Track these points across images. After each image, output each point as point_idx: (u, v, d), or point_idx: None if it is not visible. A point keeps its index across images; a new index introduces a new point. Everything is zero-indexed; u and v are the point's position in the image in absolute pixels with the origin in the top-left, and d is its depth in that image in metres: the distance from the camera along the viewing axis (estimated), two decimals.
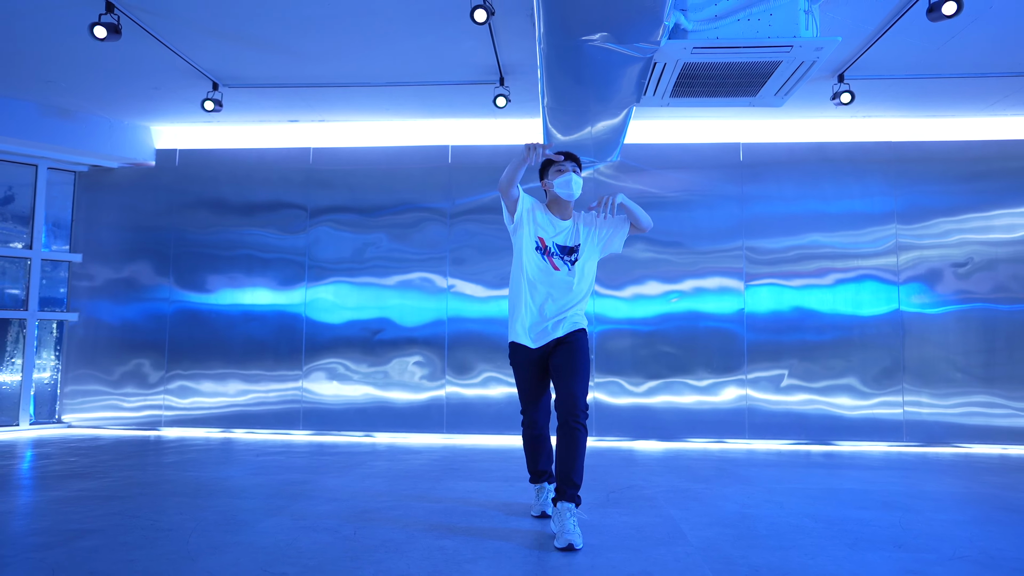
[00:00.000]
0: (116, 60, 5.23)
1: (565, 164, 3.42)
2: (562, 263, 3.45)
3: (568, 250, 3.47)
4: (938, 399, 6.17)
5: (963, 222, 6.30)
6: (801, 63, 4.14)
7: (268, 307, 6.69)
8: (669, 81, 4.43)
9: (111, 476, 4.49)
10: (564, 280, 3.43)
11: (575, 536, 2.96)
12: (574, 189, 3.39)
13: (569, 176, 3.38)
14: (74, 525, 3.25)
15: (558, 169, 3.43)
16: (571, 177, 3.38)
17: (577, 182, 3.40)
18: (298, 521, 3.37)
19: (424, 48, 4.98)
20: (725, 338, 6.35)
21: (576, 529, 3.01)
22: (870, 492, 4.22)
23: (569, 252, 3.47)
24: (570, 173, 3.38)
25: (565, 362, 3.34)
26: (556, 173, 3.43)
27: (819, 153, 6.46)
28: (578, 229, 3.50)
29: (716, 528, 3.31)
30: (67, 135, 6.37)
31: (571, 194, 3.40)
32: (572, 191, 3.39)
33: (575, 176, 3.39)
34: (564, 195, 3.40)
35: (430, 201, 6.66)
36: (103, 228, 6.89)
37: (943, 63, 5.08)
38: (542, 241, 3.46)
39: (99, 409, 6.73)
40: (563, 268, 3.44)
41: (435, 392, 6.50)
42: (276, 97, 5.98)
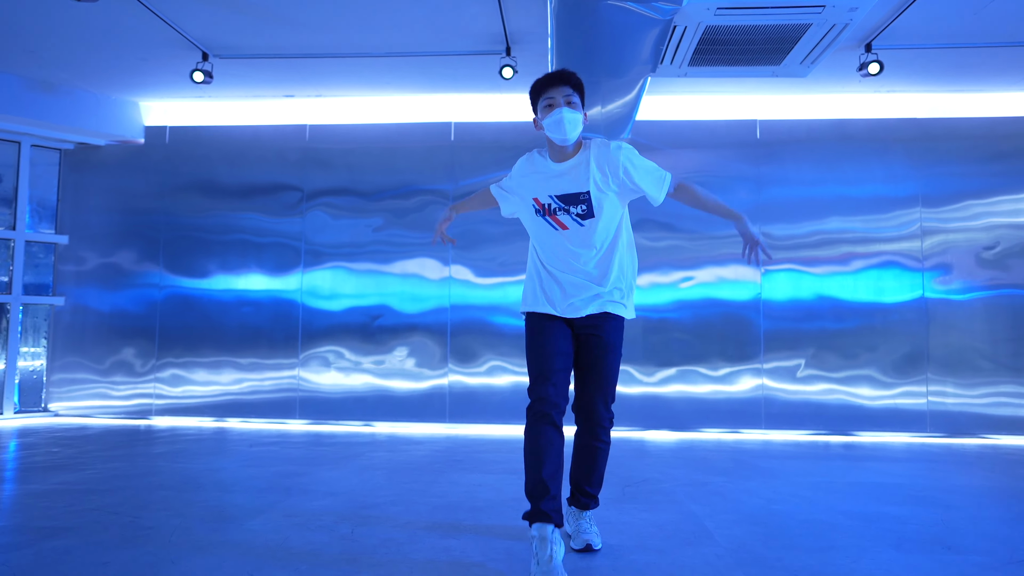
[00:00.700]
0: (101, 29, 4.93)
1: (554, 93, 2.59)
2: (568, 219, 2.62)
3: (571, 199, 2.61)
4: (964, 388, 5.90)
5: (992, 204, 6.01)
6: (833, 26, 3.86)
7: (263, 292, 6.42)
8: (689, 47, 4.15)
9: (94, 468, 4.23)
10: (575, 240, 2.62)
11: (593, 536, 2.68)
12: (567, 130, 2.56)
13: (560, 114, 2.54)
14: (47, 522, 2.99)
15: (547, 103, 2.60)
16: (562, 115, 2.54)
17: (571, 119, 2.55)
18: (291, 518, 3.11)
19: (426, 15, 4.68)
20: (741, 326, 6.08)
21: (593, 527, 2.73)
22: (901, 486, 3.96)
23: (574, 201, 2.61)
24: (561, 108, 2.55)
25: (592, 363, 2.66)
26: (545, 109, 2.60)
27: (840, 130, 6.17)
28: (584, 166, 2.61)
29: (744, 526, 3.05)
30: (51, 110, 6.07)
31: (564, 138, 2.58)
32: (564, 131, 2.56)
33: (568, 112, 2.55)
34: (557, 139, 2.59)
35: (432, 182, 6.37)
36: (90, 209, 6.60)
37: (978, 31, 4.78)
38: (537, 201, 2.66)
39: (87, 397, 6.47)
40: (571, 225, 2.62)
41: (437, 380, 6.23)
42: (270, 69, 5.68)
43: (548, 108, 2.58)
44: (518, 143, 6.33)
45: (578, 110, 2.59)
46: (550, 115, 2.56)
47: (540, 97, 2.63)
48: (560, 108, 2.54)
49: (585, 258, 2.62)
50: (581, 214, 2.60)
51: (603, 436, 2.69)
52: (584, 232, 2.61)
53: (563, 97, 2.57)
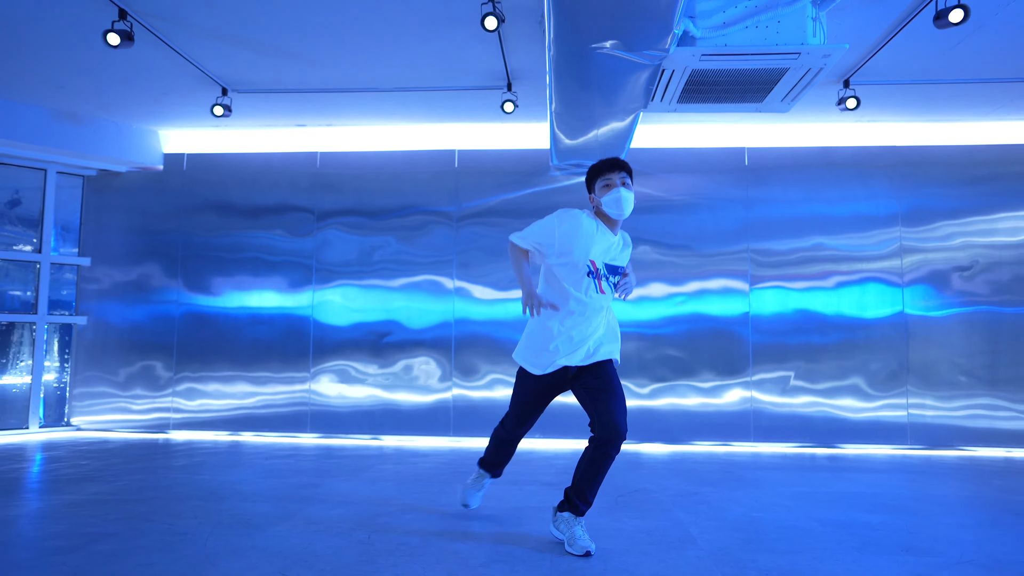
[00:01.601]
0: (126, 66, 5.27)
1: (612, 176, 3.04)
2: (608, 284, 3.09)
3: (614, 270, 3.11)
4: (942, 402, 6.20)
5: (966, 224, 6.33)
6: (808, 70, 4.18)
7: (276, 310, 6.73)
8: (677, 87, 4.47)
9: (122, 480, 4.52)
10: (599, 305, 3.08)
11: (588, 541, 2.97)
12: (624, 208, 3.00)
13: (619, 193, 2.99)
14: (90, 529, 3.28)
15: (605, 183, 3.04)
16: (620, 194, 2.99)
17: (627, 198, 3.01)
18: (311, 525, 3.41)
19: (432, 54, 5.02)
20: (730, 341, 6.38)
21: (586, 534, 3.02)
22: (876, 496, 4.25)
23: (615, 272, 3.12)
24: (619, 189, 3.00)
25: (604, 385, 3.04)
26: (604, 189, 3.05)
27: (824, 157, 6.50)
28: (625, 247, 3.18)
29: (725, 531, 3.35)
30: (76, 140, 6.41)
31: (621, 213, 3.02)
32: (622, 210, 3.01)
33: (625, 192, 3.00)
34: (614, 215, 3.03)
35: (437, 204, 6.70)
36: (111, 231, 6.93)
37: (948, 69, 5.12)
38: (593, 264, 3.03)
39: (108, 412, 6.77)
40: (608, 291, 3.09)
41: (442, 395, 6.54)
42: (284, 102, 6.02)
43: (606, 188, 3.04)
44: (518, 169, 6.67)
45: (631, 189, 3.06)
46: (609, 194, 3.02)
47: (598, 178, 3.08)
48: (618, 188, 3.01)
49: (598, 313, 3.10)
50: (615, 284, 3.13)
51: (618, 449, 3.04)
52: (606, 298, 3.11)
53: (619, 179, 3.03)
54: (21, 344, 6.63)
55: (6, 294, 6.63)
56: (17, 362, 6.61)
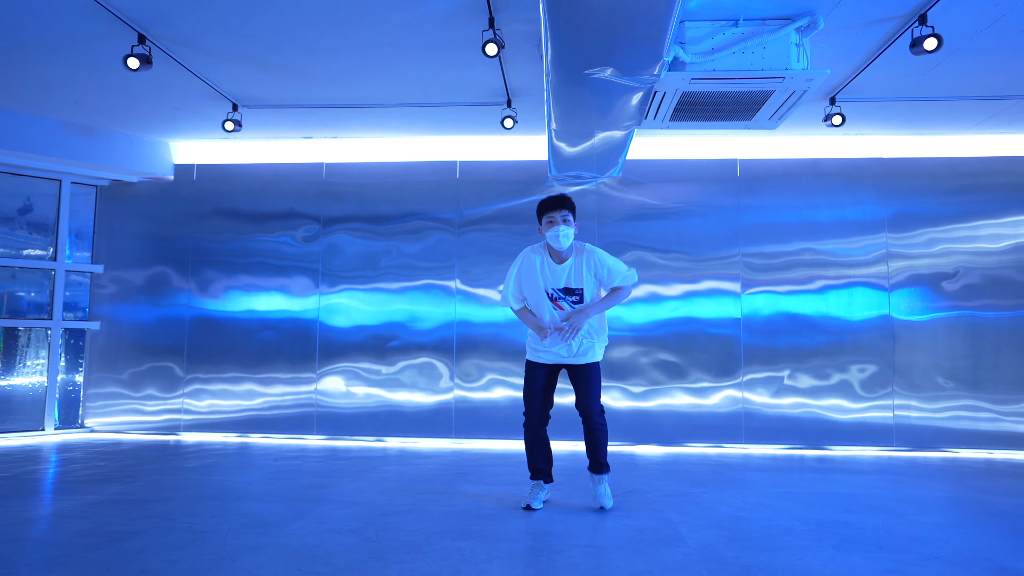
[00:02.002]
0: (142, 84, 5.49)
1: (555, 215, 3.74)
2: (567, 303, 3.85)
3: (569, 291, 3.83)
4: (927, 403, 6.43)
5: (949, 231, 6.56)
6: (793, 92, 4.41)
7: (283, 314, 6.96)
8: (669, 107, 4.69)
9: (140, 480, 4.75)
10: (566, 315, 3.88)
11: (605, 499, 3.90)
12: (562, 242, 3.73)
13: (557, 230, 3.71)
14: (116, 527, 3.51)
15: (549, 220, 3.76)
16: (559, 231, 3.71)
17: (566, 234, 3.72)
18: (323, 524, 3.63)
19: (435, 74, 5.24)
20: (722, 344, 6.61)
21: (606, 493, 3.93)
22: (858, 496, 4.47)
23: (571, 293, 3.83)
24: (559, 226, 3.71)
25: (582, 378, 3.93)
26: (548, 224, 3.77)
27: (813, 168, 6.72)
28: (579, 270, 3.82)
29: (712, 530, 3.57)
30: (89, 151, 6.63)
31: (560, 246, 3.74)
32: (560, 244, 3.74)
33: (563, 228, 3.72)
34: (554, 246, 3.77)
35: (439, 212, 6.93)
36: (123, 239, 7.15)
37: (929, 88, 5.34)
38: (546, 291, 3.86)
39: (120, 414, 7.00)
40: (567, 308, 3.85)
41: (444, 396, 6.77)
42: (292, 116, 6.24)
43: (550, 224, 3.75)
44: (517, 179, 6.89)
45: (571, 225, 3.76)
46: (551, 229, 3.74)
47: (544, 215, 3.79)
48: (559, 225, 3.72)
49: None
50: (575, 301, 3.85)
51: (598, 420, 3.90)
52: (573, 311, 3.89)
53: (560, 217, 3.73)
54: (35, 348, 6.85)
55: (22, 300, 6.86)
56: (32, 366, 6.84)
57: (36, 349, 6.87)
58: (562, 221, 3.72)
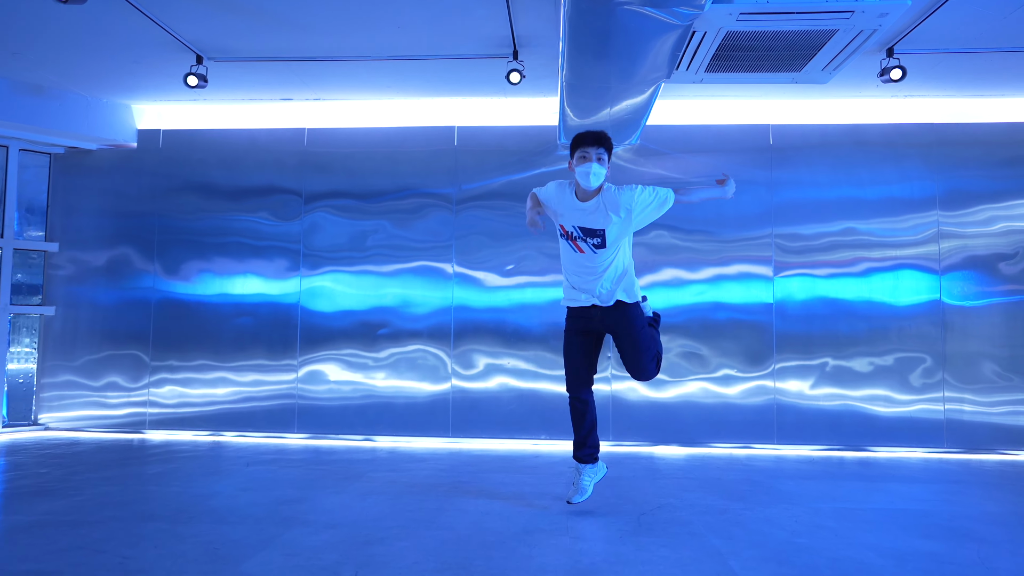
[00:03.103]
0: (89, 30, 4.72)
1: (589, 151, 3.40)
2: (586, 246, 3.48)
3: (590, 232, 3.46)
4: (982, 397, 5.74)
5: (1009, 208, 5.85)
6: (859, 32, 3.67)
7: (260, 298, 6.23)
8: (707, 53, 3.96)
9: (84, 493, 4.04)
10: (588, 262, 3.49)
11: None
12: (592, 181, 3.41)
13: (589, 167, 3.39)
14: (28, 564, 2.80)
15: (582, 155, 3.42)
16: (590, 168, 3.38)
17: (597, 173, 3.40)
18: (290, 557, 2.93)
19: (430, 17, 4.48)
20: (752, 332, 5.91)
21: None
22: (930, 514, 3.79)
23: (591, 235, 3.46)
24: (591, 163, 3.38)
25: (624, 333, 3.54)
26: (580, 160, 3.43)
27: (854, 136, 5.99)
28: (603, 209, 3.45)
29: (771, 566, 2.88)
30: (40, 113, 5.86)
31: (588, 185, 3.42)
32: (590, 183, 3.41)
33: (595, 166, 3.39)
34: (582, 184, 3.45)
35: (435, 186, 6.18)
36: (81, 214, 6.40)
37: (1002, 35, 4.59)
38: (563, 228, 3.53)
39: (78, 407, 6.28)
40: (587, 251, 3.48)
41: (440, 387, 6.06)
42: (267, 72, 5.47)
43: (582, 159, 3.41)
44: (522, 147, 6.15)
45: (604, 166, 3.43)
46: (582, 165, 3.40)
47: (578, 148, 3.44)
48: (591, 162, 3.38)
49: (592, 272, 3.50)
50: (596, 244, 3.48)
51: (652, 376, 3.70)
52: (597, 257, 3.49)
53: (596, 154, 3.40)
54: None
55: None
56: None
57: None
58: (596, 159, 3.39)
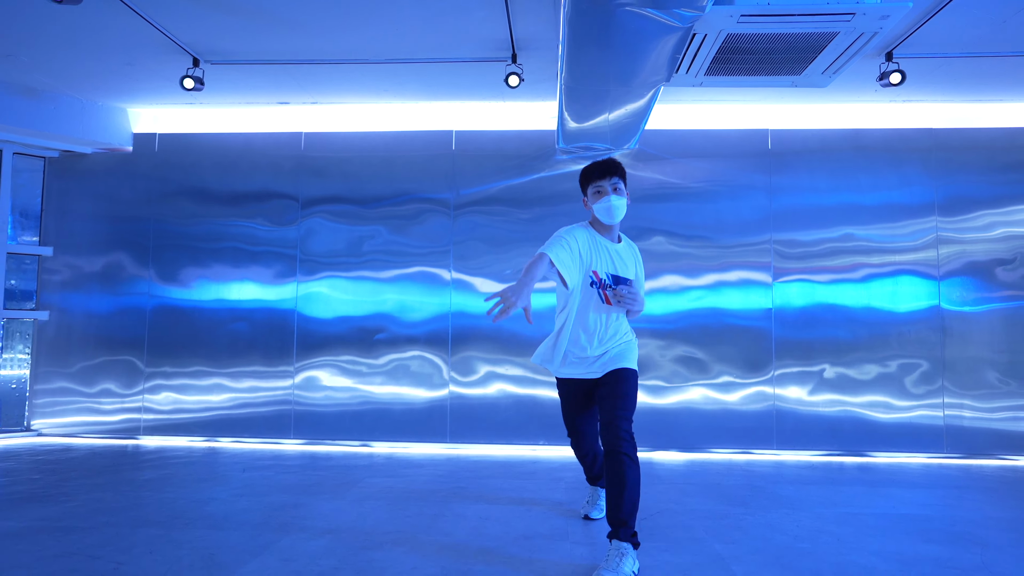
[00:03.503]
0: (83, 31, 4.69)
1: (603, 183, 3.04)
2: (615, 301, 3.08)
3: (621, 280, 3.07)
4: (981, 403, 5.72)
5: (1009, 214, 5.84)
6: (860, 35, 3.66)
7: (256, 303, 6.18)
8: (707, 56, 3.94)
9: (77, 499, 3.98)
10: (607, 318, 3.10)
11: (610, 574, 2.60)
12: (615, 215, 3.05)
13: (608, 200, 3.03)
14: (21, 572, 2.75)
15: (597, 190, 3.06)
16: (611, 201, 3.02)
17: (618, 206, 3.04)
18: (287, 563, 2.89)
19: (428, 19, 4.46)
20: (751, 338, 5.88)
21: (622, 570, 2.61)
22: (930, 519, 3.76)
23: (622, 282, 3.08)
24: (609, 196, 3.02)
25: (609, 390, 3.00)
26: (595, 196, 3.06)
27: (853, 141, 5.98)
28: (629, 256, 3.16)
29: (775, 570, 2.85)
30: (35, 116, 5.81)
31: (612, 220, 3.07)
32: (613, 217, 3.06)
33: (616, 198, 3.03)
34: (604, 221, 3.08)
35: (432, 191, 6.15)
36: (76, 218, 6.34)
37: (1004, 40, 4.59)
38: (596, 274, 3.05)
39: (72, 413, 6.21)
40: (614, 303, 3.08)
41: (438, 392, 6.01)
42: (264, 75, 5.44)
43: (598, 195, 3.05)
44: (521, 152, 6.13)
45: (623, 195, 3.05)
46: (599, 201, 3.04)
47: (590, 184, 3.09)
48: (609, 195, 3.02)
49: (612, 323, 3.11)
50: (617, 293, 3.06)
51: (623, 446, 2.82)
52: (615, 312, 3.10)
53: (611, 186, 3.03)
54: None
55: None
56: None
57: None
58: (612, 190, 3.03)
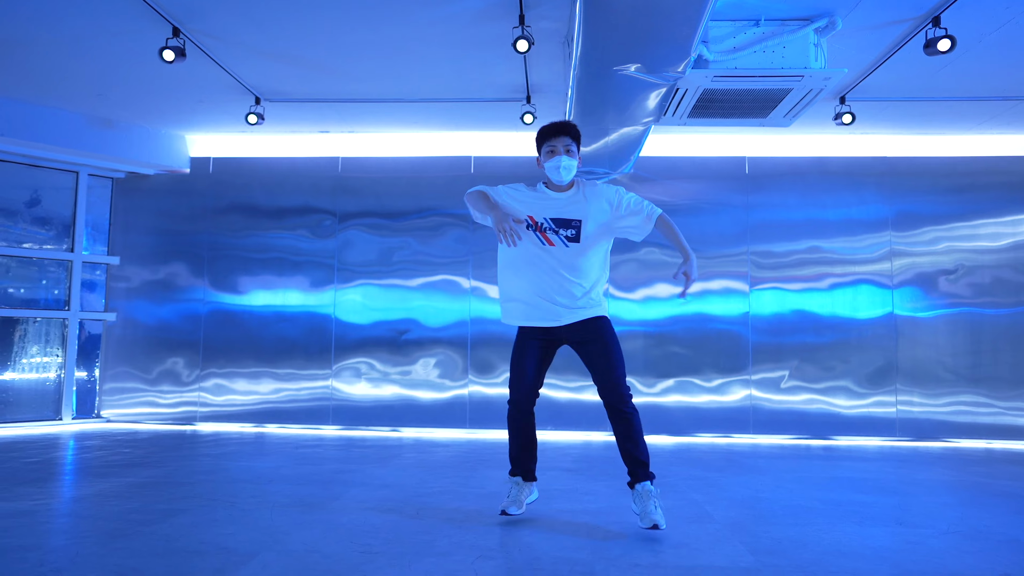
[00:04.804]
0: (168, 77, 5.58)
1: (555, 143, 3.16)
2: (557, 238, 3.16)
3: (563, 223, 3.16)
4: (928, 397, 6.62)
5: (951, 230, 6.77)
6: (810, 90, 4.57)
7: (299, 308, 7.06)
8: (689, 104, 4.85)
9: (169, 465, 4.84)
10: (556, 259, 3.16)
11: (659, 516, 3.06)
12: (563, 174, 3.15)
13: (558, 160, 3.13)
14: (162, 505, 3.60)
15: (549, 149, 3.17)
16: (560, 161, 3.13)
17: (567, 166, 3.14)
18: (362, 503, 3.74)
19: (459, 70, 5.37)
20: (731, 339, 6.78)
21: (658, 510, 3.08)
22: (869, 480, 4.64)
23: (565, 225, 3.16)
24: (560, 156, 3.13)
25: (598, 353, 3.20)
26: (548, 155, 3.18)
27: (819, 167, 6.91)
28: (580, 201, 3.20)
29: (737, 509, 3.72)
30: (107, 144, 6.69)
31: (560, 179, 3.18)
32: (561, 176, 3.16)
33: (565, 158, 3.13)
34: (554, 179, 3.20)
35: (453, 207, 7.05)
36: (139, 232, 7.22)
37: (937, 88, 5.53)
38: (532, 219, 3.19)
39: (136, 405, 7.07)
40: (558, 243, 3.16)
41: (458, 390, 6.88)
42: (311, 110, 6.34)
43: (550, 154, 3.17)
44: (532, 175, 6.99)
45: (574, 157, 3.17)
46: (551, 160, 3.16)
47: (544, 143, 3.22)
48: (560, 155, 3.14)
49: (566, 269, 3.16)
50: (569, 237, 3.16)
51: (629, 405, 3.17)
52: (568, 252, 3.16)
53: (563, 146, 3.16)
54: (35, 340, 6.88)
55: (39, 292, 6.92)
56: (38, 357, 6.88)
57: (36, 341, 6.88)
58: (564, 151, 3.14)
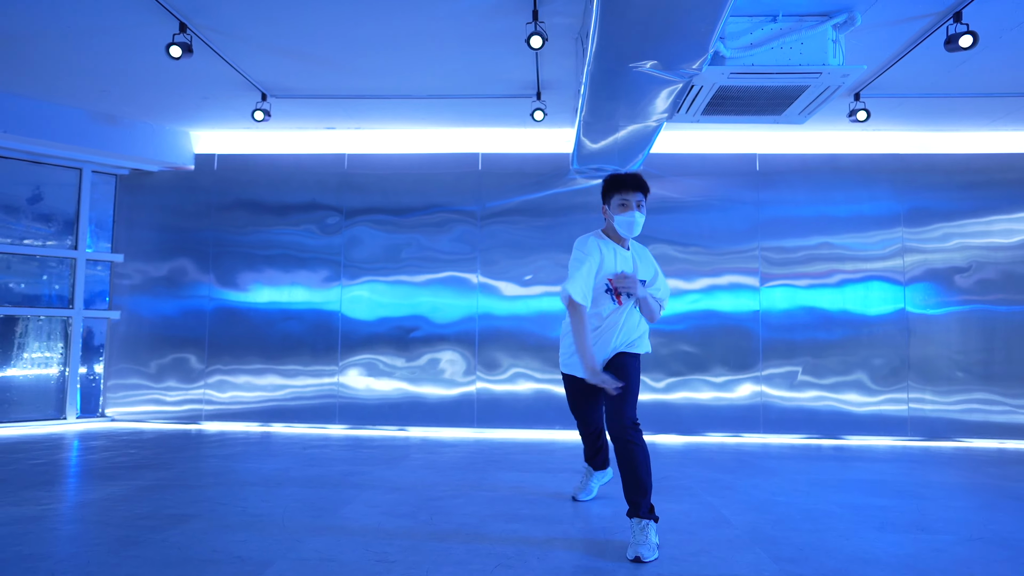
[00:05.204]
0: (173, 73, 5.50)
1: (629, 197, 3.19)
2: (627, 300, 3.28)
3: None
4: (940, 396, 6.56)
5: (963, 227, 6.69)
6: (827, 87, 4.49)
7: (305, 305, 6.99)
8: (703, 101, 4.77)
9: (177, 467, 4.79)
10: (619, 317, 3.27)
11: (644, 550, 2.84)
12: (635, 231, 3.21)
13: (632, 216, 3.17)
14: (172, 510, 3.55)
15: (622, 202, 3.20)
16: (634, 217, 3.17)
17: (639, 223, 3.19)
18: (374, 508, 3.70)
19: (469, 66, 5.29)
20: (741, 337, 6.72)
21: (647, 543, 2.88)
22: (885, 483, 4.59)
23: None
24: (633, 212, 3.17)
25: (617, 370, 3.22)
26: (620, 208, 3.21)
27: (831, 163, 6.83)
28: (639, 259, 3.34)
29: (754, 513, 3.67)
30: (111, 140, 6.62)
31: (631, 235, 3.24)
32: (633, 232, 3.22)
33: (638, 215, 3.18)
34: (623, 233, 3.24)
35: (461, 204, 6.98)
36: (143, 229, 7.15)
37: (954, 84, 5.45)
38: (611, 282, 3.24)
39: (141, 403, 7.02)
40: (625, 304, 3.27)
41: (466, 388, 6.83)
42: (317, 106, 6.26)
43: (622, 207, 3.20)
44: (539, 171, 6.95)
45: (643, 212, 3.22)
46: (624, 214, 3.19)
47: (616, 194, 3.23)
48: (633, 211, 3.18)
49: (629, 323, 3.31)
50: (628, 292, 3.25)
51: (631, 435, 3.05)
52: (626, 310, 3.29)
53: (636, 201, 3.19)
54: (36, 338, 6.82)
55: (42, 289, 6.85)
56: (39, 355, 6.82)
57: (40, 339, 6.83)
58: (636, 206, 3.18)
